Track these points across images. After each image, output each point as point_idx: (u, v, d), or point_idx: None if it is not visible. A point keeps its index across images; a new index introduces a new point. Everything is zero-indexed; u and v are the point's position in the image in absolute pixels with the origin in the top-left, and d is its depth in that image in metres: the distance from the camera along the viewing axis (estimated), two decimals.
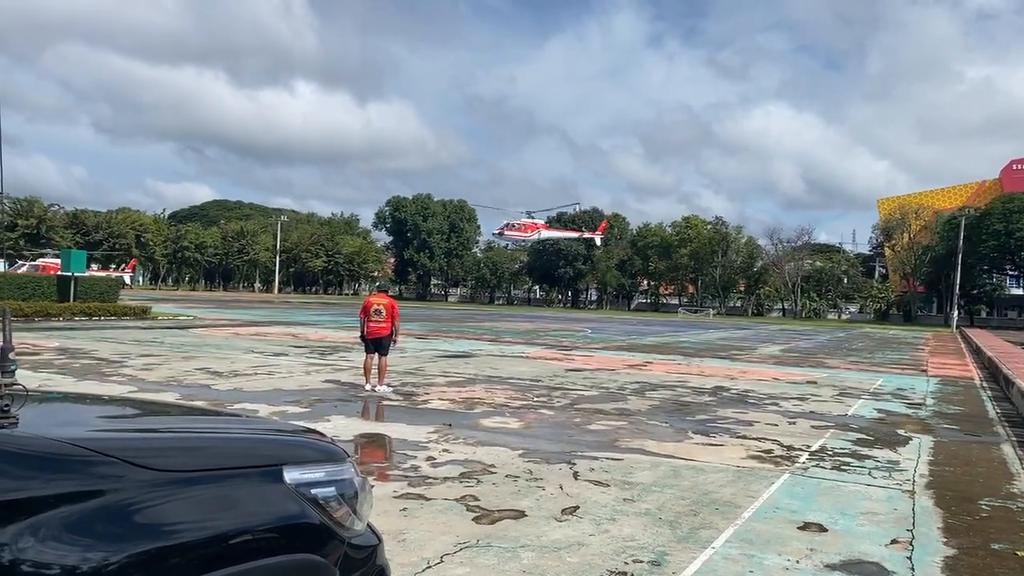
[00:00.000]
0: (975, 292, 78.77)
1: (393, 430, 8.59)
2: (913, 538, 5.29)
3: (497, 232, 75.33)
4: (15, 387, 1.93)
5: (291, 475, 2.11)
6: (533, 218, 73.57)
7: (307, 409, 9.72)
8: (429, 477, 6.42)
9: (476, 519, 5.30)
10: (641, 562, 4.58)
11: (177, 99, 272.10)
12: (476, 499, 5.80)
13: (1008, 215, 70.71)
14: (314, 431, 2.72)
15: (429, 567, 4.35)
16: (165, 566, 1.74)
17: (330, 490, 2.20)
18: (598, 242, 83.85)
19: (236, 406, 9.69)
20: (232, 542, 1.88)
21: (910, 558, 4.87)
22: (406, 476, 6.44)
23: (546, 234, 75.72)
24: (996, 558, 4.96)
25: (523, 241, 76.92)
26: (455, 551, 4.63)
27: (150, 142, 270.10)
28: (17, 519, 1.60)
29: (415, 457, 7.17)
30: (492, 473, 6.65)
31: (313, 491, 2.15)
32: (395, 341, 12.31)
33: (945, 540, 5.30)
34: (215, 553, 1.84)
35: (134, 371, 12.92)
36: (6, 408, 1.84)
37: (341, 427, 8.54)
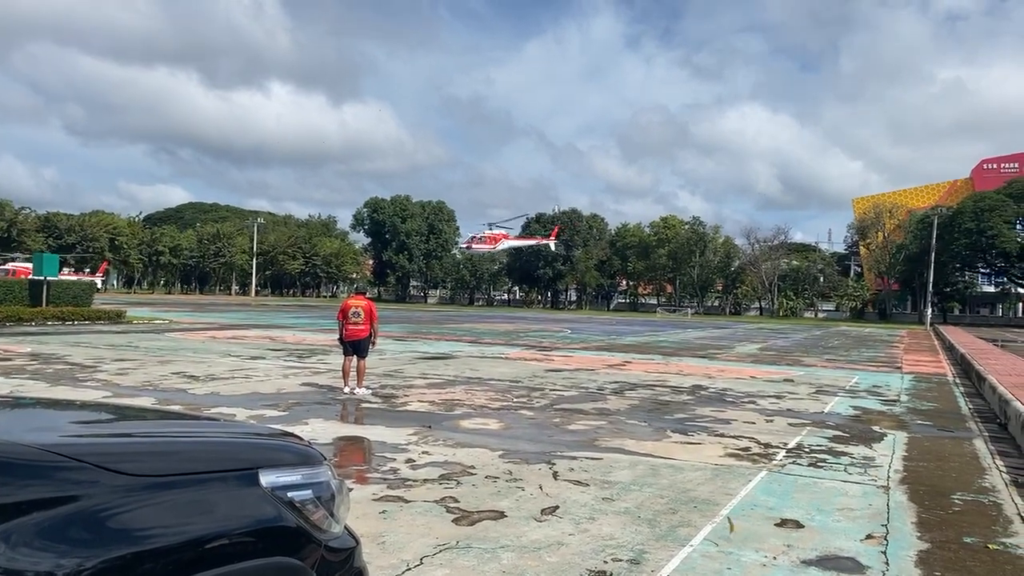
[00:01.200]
0: (948, 290, 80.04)
1: (372, 432, 8.56)
2: (887, 533, 5.37)
3: (465, 245, 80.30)
4: None
5: (267, 478, 2.10)
6: (493, 230, 78.11)
7: (285, 412, 9.66)
8: (408, 479, 6.41)
9: (456, 520, 5.30)
10: (620, 560, 4.61)
11: (150, 100, 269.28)
12: (456, 500, 5.80)
13: (979, 213, 71.88)
14: (291, 434, 2.71)
15: (409, 569, 4.35)
16: (141, 571, 1.73)
17: (306, 493, 2.20)
18: (553, 247, 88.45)
19: (213, 410, 9.60)
20: (208, 546, 1.86)
21: (884, 552, 4.94)
22: (385, 479, 6.42)
23: (507, 244, 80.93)
24: (968, 551, 5.04)
25: (489, 252, 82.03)
26: (435, 553, 4.62)
27: (123, 144, 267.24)
28: None
29: (394, 459, 7.15)
30: (472, 474, 6.65)
31: (289, 494, 2.14)
32: (374, 343, 12.28)
33: (919, 534, 5.38)
34: (191, 557, 1.82)
35: (109, 376, 12.76)
36: None
37: (319, 430, 8.49)
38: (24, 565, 1.59)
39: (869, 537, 5.25)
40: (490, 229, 78.54)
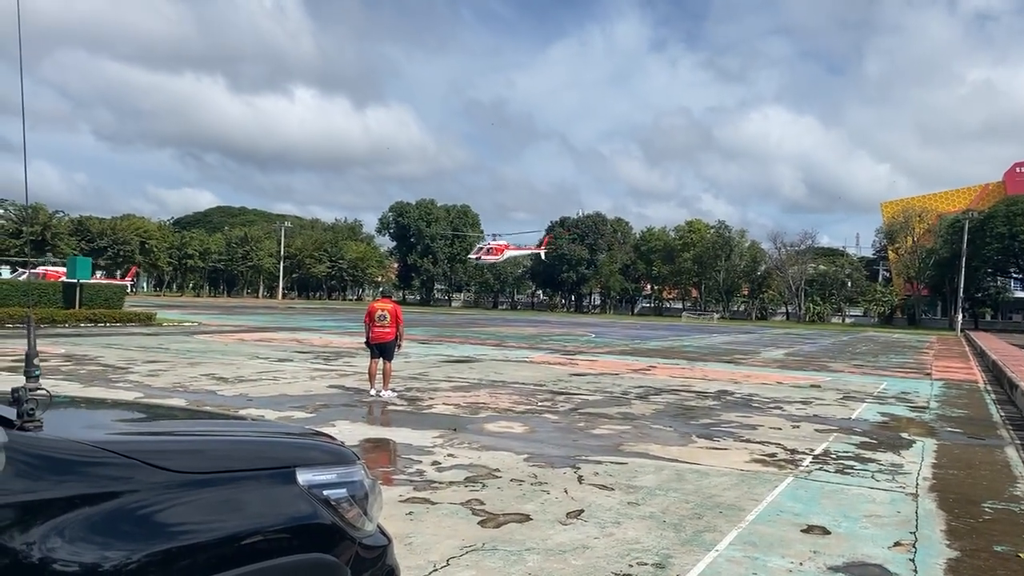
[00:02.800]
0: (979, 295, 78.64)
1: (398, 435, 8.64)
2: (916, 540, 5.33)
3: (475, 256, 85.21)
4: (39, 392, 1.99)
5: (304, 477, 2.17)
6: (496, 241, 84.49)
7: (312, 414, 9.78)
8: (434, 481, 6.47)
9: (482, 523, 5.35)
10: (645, 564, 4.63)
11: (177, 105, 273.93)
12: (481, 503, 5.85)
13: (1012, 218, 70.59)
14: (324, 434, 2.78)
15: (436, 570, 4.41)
16: (182, 565, 1.80)
17: (341, 491, 2.26)
18: (543, 256, 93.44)
19: (242, 412, 9.74)
20: (246, 542, 1.93)
21: (913, 560, 4.90)
22: (411, 480, 6.49)
23: (509, 253, 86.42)
24: (998, 560, 4.99)
25: (495, 261, 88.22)
26: (461, 554, 4.68)
27: (150, 149, 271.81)
28: (44, 519, 1.65)
29: (420, 462, 7.22)
30: (497, 477, 6.70)
31: (325, 492, 2.20)
32: (399, 346, 12.38)
33: (948, 542, 5.33)
34: (231, 553, 1.89)
35: (140, 377, 13.00)
36: (31, 412, 1.90)
37: (346, 432, 8.59)
38: (75, 557, 1.66)
39: (897, 544, 5.22)
40: (494, 240, 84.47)
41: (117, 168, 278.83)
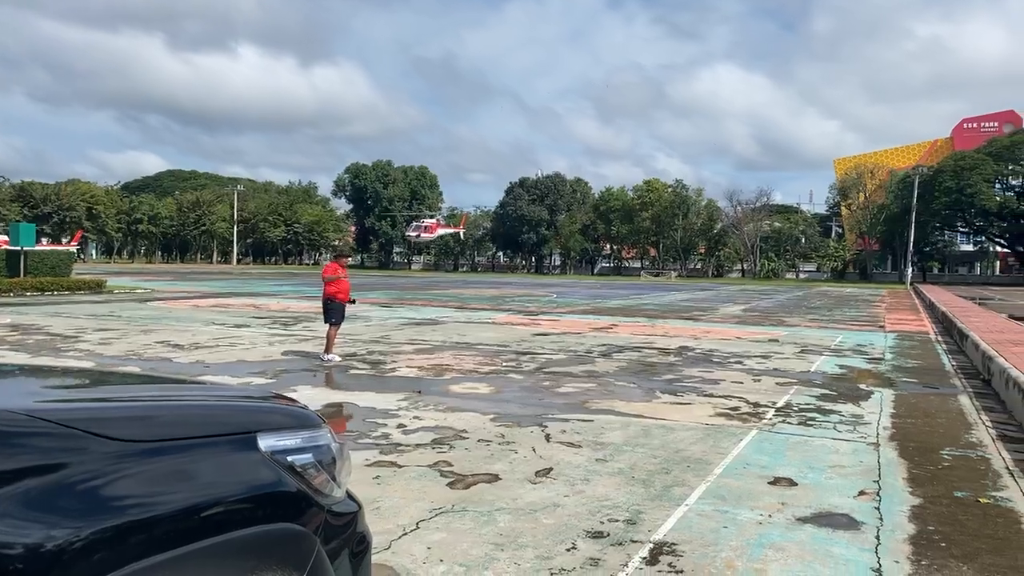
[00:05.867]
0: (928, 249, 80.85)
1: (362, 399, 8.50)
2: (880, 489, 5.40)
3: (414, 234, 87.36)
4: None
5: (266, 442, 2.02)
6: (435, 219, 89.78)
7: (273, 380, 9.57)
8: (401, 444, 6.37)
9: (450, 484, 5.27)
10: (617, 521, 4.60)
11: (115, 65, 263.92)
12: (449, 464, 5.76)
13: (959, 172, 72.34)
14: (286, 397, 2.62)
15: (405, 534, 4.31)
16: (136, 541, 1.64)
17: (307, 457, 2.12)
18: (462, 236, 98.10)
19: (199, 379, 9.50)
20: (206, 514, 1.79)
21: (878, 508, 4.97)
22: (377, 444, 6.37)
23: (440, 231, 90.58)
24: (960, 505, 5.09)
25: (431, 239, 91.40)
26: (431, 517, 4.59)
27: (89, 110, 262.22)
28: None
29: (386, 425, 7.10)
30: (464, 439, 6.62)
31: (289, 458, 2.06)
32: (342, 301, 11.79)
33: (911, 490, 5.42)
34: (189, 526, 1.74)
35: (91, 346, 12.58)
36: None
37: (308, 397, 8.41)
38: (12, 537, 1.50)
39: (862, 494, 5.28)
40: (431, 219, 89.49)
41: (56, 131, 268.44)
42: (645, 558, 4.04)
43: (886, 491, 5.36)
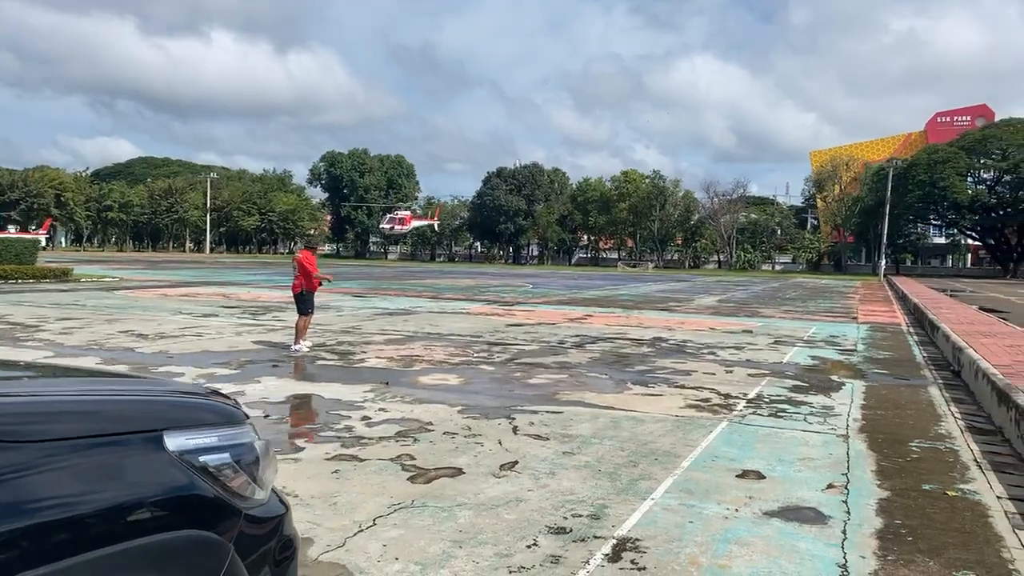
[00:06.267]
0: (901, 241, 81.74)
1: (327, 390, 8.31)
2: (848, 482, 5.34)
3: (387, 226, 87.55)
4: None
5: (175, 441, 1.85)
6: (409, 211, 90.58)
7: (237, 371, 9.35)
8: (364, 437, 6.20)
9: (411, 479, 5.12)
10: (580, 516, 4.48)
11: (85, 50, 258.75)
12: (412, 458, 5.61)
13: (933, 166, 73.15)
14: (217, 392, 2.44)
15: (361, 530, 4.16)
16: (20, 551, 1.46)
17: (223, 456, 1.95)
18: (436, 227, 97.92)
19: (161, 369, 9.26)
20: (104, 520, 1.61)
21: (845, 502, 4.90)
22: (339, 437, 6.20)
23: (414, 223, 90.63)
24: (928, 498, 5.03)
25: (404, 231, 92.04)
26: (389, 512, 4.44)
27: (60, 96, 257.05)
28: None
29: (349, 417, 6.93)
30: (429, 431, 6.47)
31: (202, 458, 1.89)
32: (316, 286, 11.81)
33: (879, 482, 5.36)
34: (85, 535, 1.57)
35: (52, 335, 12.25)
36: None
37: (272, 388, 8.22)
38: None
39: (830, 487, 5.21)
40: (405, 211, 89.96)
41: (24, 117, 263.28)
42: (607, 555, 3.92)
43: (854, 484, 5.30)
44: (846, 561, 3.93)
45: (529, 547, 3.99)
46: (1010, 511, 4.83)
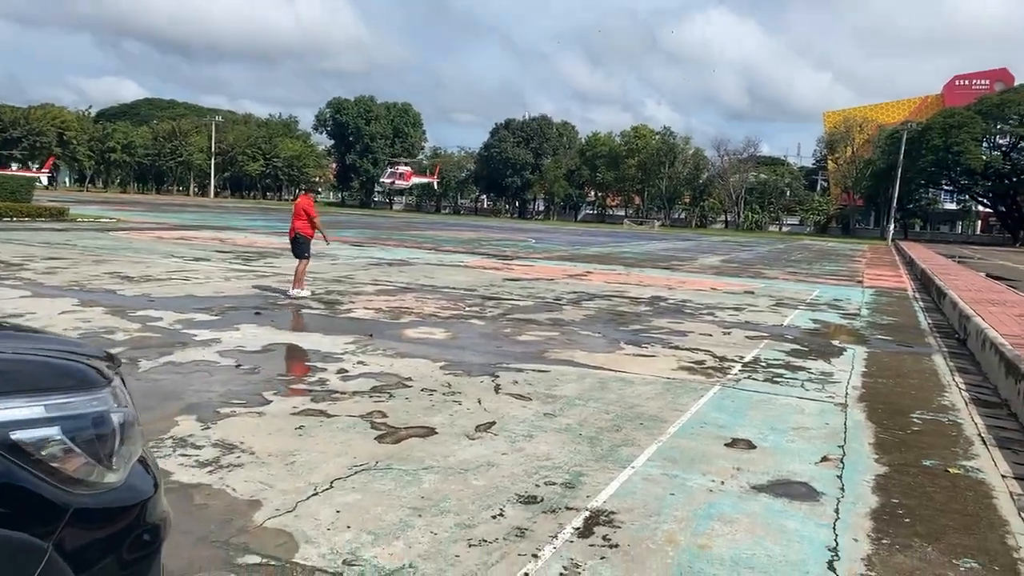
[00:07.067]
0: (911, 206, 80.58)
1: (307, 340, 8.01)
2: (844, 455, 5.02)
3: (388, 180, 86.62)
4: None
5: None
6: (409, 168, 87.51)
7: (217, 317, 9.03)
8: (336, 392, 5.89)
9: (379, 438, 4.82)
10: (554, 484, 4.18)
11: None
12: (384, 415, 5.31)
13: (948, 130, 71.61)
14: (85, 349, 2.00)
15: (316, 494, 3.87)
16: None
17: (48, 432, 1.58)
18: (436, 186, 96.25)
19: (138, 312, 8.95)
20: None
21: (840, 477, 4.59)
22: (311, 390, 5.90)
23: (414, 179, 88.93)
24: (928, 476, 4.72)
25: (405, 187, 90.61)
26: (349, 475, 4.15)
27: (66, 33, 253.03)
28: None
29: (325, 370, 6.62)
30: (407, 387, 6.17)
31: (15, 435, 1.53)
32: (323, 239, 12.00)
33: (876, 457, 5.04)
34: None
35: (34, 275, 11.94)
36: None
37: (249, 337, 7.91)
38: None
39: (824, 460, 4.90)
40: (405, 167, 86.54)
41: (31, 53, 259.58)
42: (578, 529, 3.62)
43: (850, 457, 4.98)
44: (837, 544, 3.62)
45: (494, 517, 3.69)
46: (1016, 492, 4.52)
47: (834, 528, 3.81)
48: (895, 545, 3.65)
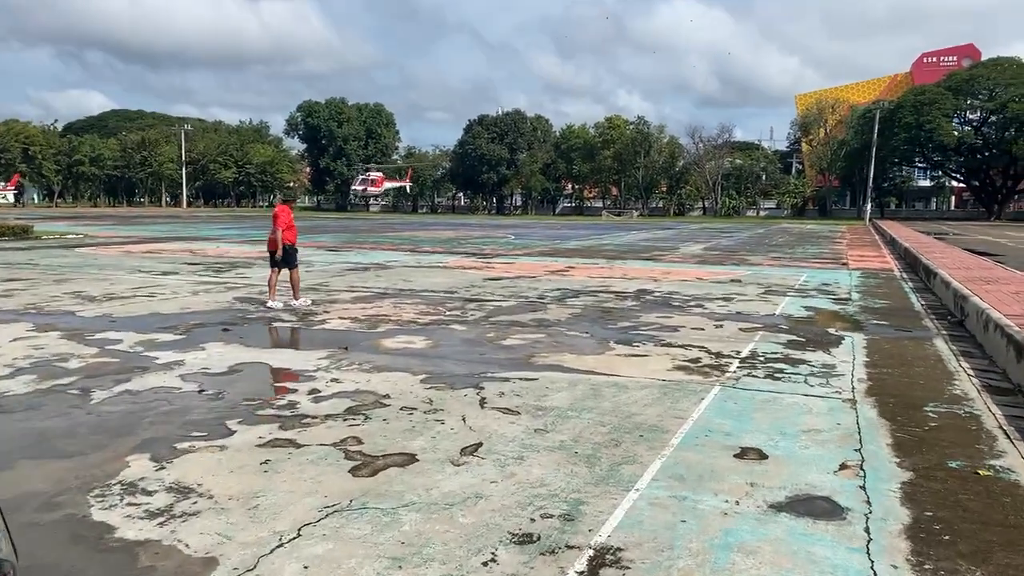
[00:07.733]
0: (886, 185, 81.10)
1: (278, 358, 7.50)
2: (863, 460, 4.61)
3: (360, 187, 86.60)
4: None
5: None
6: (380, 173, 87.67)
7: (182, 336, 8.48)
8: (307, 416, 5.40)
9: (354, 470, 4.34)
10: (551, 517, 3.72)
11: None
12: (359, 442, 4.83)
13: (919, 107, 72.03)
14: None
15: (281, 545, 3.39)
16: None
17: None
18: (408, 189, 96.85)
19: (97, 336, 8.38)
20: None
21: (864, 488, 4.17)
22: (279, 416, 5.40)
23: (386, 184, 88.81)
24: (957, 480, 4.32)
25: (377, 192, 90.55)
26: (319, 518, 3.67)
27: (26, 47, 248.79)
28: None
29: (296, 391, 6.13)
30: (385, 406, 5.69)
31: None
32: (282, 246, 11.06)
33: (898, 460, 4.64)
34: None
35: None
36: None
37: (216, 357, 7.39)
38: None
39: (843, 467, 4.49)
40: (377, 173, 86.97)
41: None
42: (582, 574, 3.17)
43: (870, 462, 4.58)
44: (875, 573, 3.20)
45: (485, 564, 3.24)
46: None
47: (868, 552, 3.39)
48: (940, 570, 3.23)
